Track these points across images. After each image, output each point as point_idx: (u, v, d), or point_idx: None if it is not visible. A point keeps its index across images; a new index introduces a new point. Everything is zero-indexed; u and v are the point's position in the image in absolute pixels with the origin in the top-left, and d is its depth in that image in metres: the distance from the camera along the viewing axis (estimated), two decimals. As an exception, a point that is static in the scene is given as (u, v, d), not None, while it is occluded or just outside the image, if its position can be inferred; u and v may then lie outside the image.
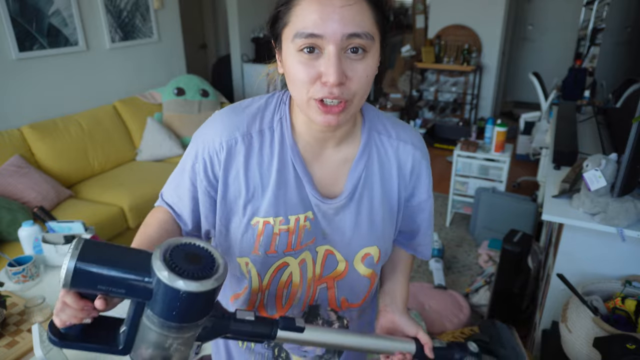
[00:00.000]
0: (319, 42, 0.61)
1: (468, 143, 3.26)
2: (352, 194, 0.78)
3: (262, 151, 0.75)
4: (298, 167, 0.76)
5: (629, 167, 1.39)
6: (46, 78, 3.08)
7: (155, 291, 0.54)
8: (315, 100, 0.65)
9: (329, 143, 0.77)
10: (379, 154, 0.80)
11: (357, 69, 0.64)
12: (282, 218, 0.76)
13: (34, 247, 1.76)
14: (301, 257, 0.80)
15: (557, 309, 1.61)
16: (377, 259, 0.83)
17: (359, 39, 0.62)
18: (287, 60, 0.66)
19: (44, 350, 1.07)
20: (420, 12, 5.82)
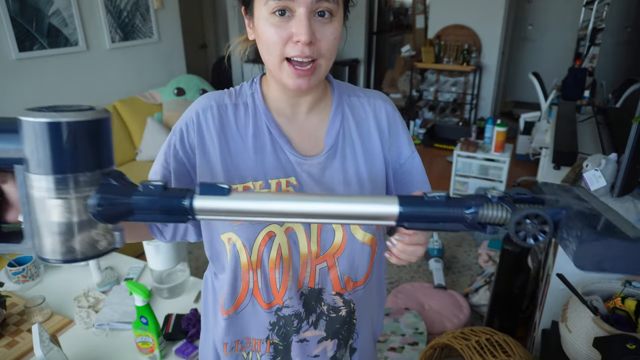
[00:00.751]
0: (290, 5, 0.66)
1: (468, 143, 3.26)
2: (334, 150, 0.80)
3: (237, 120, 0.78)
4: (274, 131, 0.78)
5: (629, 167, 1.39)
6: (46, 78, 3.08)
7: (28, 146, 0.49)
8: (288, 62, 0.69)
9: (302, 108, 0.80)
10: (353, 112, 0.83)
11: (326, 31, 0.69)
12: (261, 182, 0.77)
13: (34, 247, 1.76)
14: (287, 225, 0.78)
15: (557, 309, 1.61)
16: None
17: (326, 2, 0.67)
18: (260, 24, 0.70)
19: (44, 351, 1.07)
20: (420, 12, 5.82)
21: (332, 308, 0.84)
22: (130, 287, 1.26)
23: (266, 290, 0.81)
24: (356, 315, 0.87)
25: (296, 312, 0.82)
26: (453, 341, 1.66)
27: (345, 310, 0.85)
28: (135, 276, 1.64)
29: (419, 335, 2.16)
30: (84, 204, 0.50)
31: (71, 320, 1.44)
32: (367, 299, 0.88)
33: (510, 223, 0.51)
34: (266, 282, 0.80)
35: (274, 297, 0.81)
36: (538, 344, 1.70)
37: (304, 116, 0.81)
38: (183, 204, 0.52)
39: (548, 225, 0.50)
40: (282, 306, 0.82)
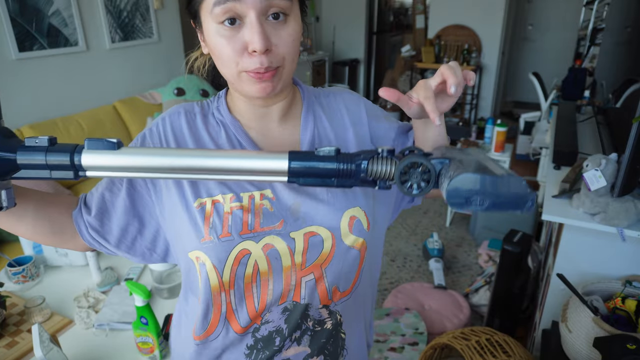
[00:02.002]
0: (238, 9, 0.60)
1: (468, 143, 3.26)
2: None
3: (209, 129, 0.74)
4: (244, 142, 0.73)
5: (629, 167, 1.39)
6: (46, 78, 3.08)
7: None
8: (247, 72, 0.64)
9: (272, 118, 0.75)
10: (325, 111, 0.79)
11: (282, 35, 0.63)
12: (232, 195, 0.70)
13: (34, 247, 1.76)
14: (265, 242, 0.69)
15: (557, 309, 1.61)
16: (367, 225, 0.73)
17: (276, 2, 0.61)
18: (210, 37, 0.64)
19: (44, 351, 1.07)
20: (420, 12, 5.82)
21: (317, 322, 0.75)
22: (130, 287, 1.26)
23: (242, 309, 0.72)
24: (344, 328, 0.78)
25: (277, 328, 0.73)
26: (453, 341, 1.66)
27: (331, 322, 0.76)
28: (135, 276, 1.64)
29: (419, 336, 2.16)
30: None
31: (71, 320, 1.44)
32: (355, 310, 0.80)
33: (395, 172, 0.51)
34: (242, 300, 0.71)
35: (250, 317, 0.72)
36: (538, 344, 1.70)
37: (276, 127, 0.75)
38: (70, 159, 0.50)
39: (431, 174, 0.51)
40: (260, 324, 0.73)
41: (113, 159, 0.51)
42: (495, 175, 0.47)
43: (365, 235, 0.74)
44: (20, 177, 0.52)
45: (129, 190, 0.74)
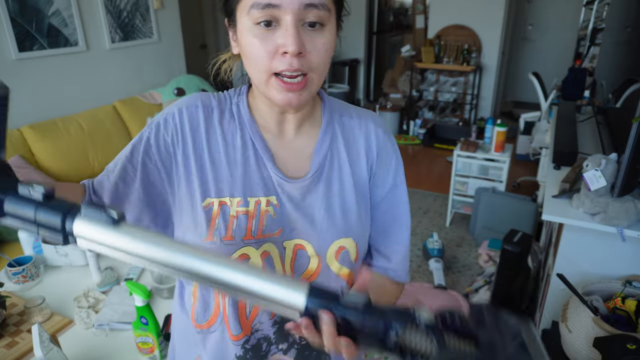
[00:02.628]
0: (276, 13, 0.60)
1: (468, 143, 3.26)
2: (320, 173, 0.74)
3: (223, 127, 0.73)
4: (258, 145, 0.72)
5: (629, 167, 1.39)
6: (46, 78, 3.08)
7: None
8: (276, 77, 0.63)
9: (289, 126, 0.74)
10: (344, 133, 0.77)
11: (316, 42, 0.62)
12: (240, 199, 0.70)
13: (34, 247, 1.76)
14: (264, 249, 0.71)
15: (557, 309, 1.61)
16: (355, 257, 0.75)
17: (316, 9, 0.60)
18: (243, 37, 0.64)
19: (43, 351, 1.07)
20: (420, 12, 5.82)
21: (295, 341, 0.77)
22: (130, 287, 1.26)
23: (234, 317, 0.74)
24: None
25: (265, 336, 0.76)
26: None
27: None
28: (135, 276, 1.64)
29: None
30: None
31: (71, 320, 1.44)
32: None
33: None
34: (235, 309, 0.73)
35: (242, 327, 0.74)
36: (538, 344, 1.70)
37: (292, 134, 0.75)
38: (62, 223, 0.44)
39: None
40: (251, 334, 0.75)
41: (108, 236, 0.45)
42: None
43: (351, 266, 0.75)
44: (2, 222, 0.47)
45: (143, 180, 0.73)
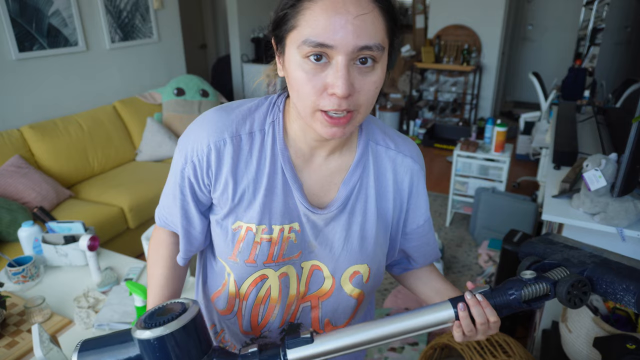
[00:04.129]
0: (328, 52, 0.58)
1: (468, 143, 3.26)
2: (345, 205, 0.74)
3: (252, 154, 0.71)
4: (288, 174, 0.72)
5: (629, 167, 1.39)
6: (46, 78, 3.08)
7: (145, 356, 0.60)
8: (321, 113, 0.62)
9: (322, 151, 0.73)
10: (376, 165, 0.76)
11: (366, 81, 0.60)
12: (265, 226, 0.72)
13: (34, 247, 1.76)
14: (282, 271, 0.76)
15: (557, 309, 1.61)
16: (367, 279, 0.78)
17: (369, 51, 0.58)
18: (291, 67, 0.62)
19: (43, 351, 1.07)
20: (420, 12, 5.82)
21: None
22: (130, 288, 1.26)
23: (248, 320, 0.81)
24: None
25: (272, 342, 0.81)
26: (453, 341, 1.66)
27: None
28: (135, 276, 1.64)
29: (419, 335, 2.16)
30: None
31: (71, 320, 1.44)
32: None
33: (562, 295, 0.61)
34: (249, 314, 0.80)
35: (252, 328, 0.82)
36: (538, 344, 1.70)
37: (324, 158, 0.74)
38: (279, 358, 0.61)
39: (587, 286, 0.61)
40: (259, 337, 0.83)
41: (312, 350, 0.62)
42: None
43: (363, 287, 0.80)
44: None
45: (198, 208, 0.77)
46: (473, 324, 0.65)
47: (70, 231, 1.76)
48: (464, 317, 0.65)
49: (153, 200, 2.94)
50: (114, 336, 0.64)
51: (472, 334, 0.66)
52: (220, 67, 5.72)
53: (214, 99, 3.91)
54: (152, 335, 0.57)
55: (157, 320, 0.59)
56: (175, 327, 0.58)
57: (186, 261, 0.84)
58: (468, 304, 0.65)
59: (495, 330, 0.66)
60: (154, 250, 0.85)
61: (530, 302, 0.64)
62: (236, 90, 5.56)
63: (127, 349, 0.61)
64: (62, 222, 1.78)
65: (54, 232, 1.78)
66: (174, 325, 0.58)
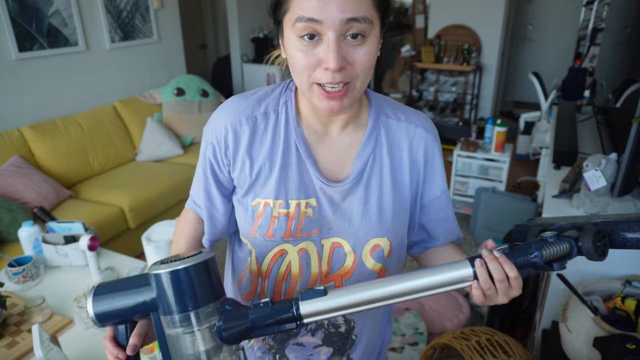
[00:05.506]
0: (318, 28, 0.62)
1: (468, 143, 3.26)
2: (360, 177, 0.77)
3: (267, 133, 0.76)
4: (302, 150, 0.75)
5: (629, 167, 1.39)
6: (46, 78, 3.08)
7: (159, 294, 0.61)
8: (318, 85, 0.66)
9: (334, 127, 0.77)
10: (388, 137, 0.78)
11: (358, 54, 0.64)
12: (282, 201, 0.76)
13: (34, 247, 1.76)
14: (301, 246, 0.78)
15: (557, 309, 1.61)
16: (388, 253, 0.79)
17: (357, 23, 0.61)
18: (288, 47, 0.67)
19: (44, 351, 1.07)
20: (420, 12, 5.82)
21: (332, 324, 0.85)
22: (130, 288, 1.26)
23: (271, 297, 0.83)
24: (356, 332, 0.87)
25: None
26: (453, 341, 1.66)
27: (345, 327, 0.85)
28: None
29: (419, 335, 2.16)
30: (212, 333, 0.61)
31: (71, 320, 1.44)
32: (368, 316, 0.88)
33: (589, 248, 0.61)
34: (271, 293, 0.82)
35: None
36: (538, 344, 1.70)
37: (336, 135, 0.78)
38: (292, 313, 0.61)
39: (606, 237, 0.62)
40: None
41: (325, 304, 0.61)
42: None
43: (384, 261, 0.80)
44: (251, 337, 0.64)
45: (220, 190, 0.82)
46: (492, 282, 0.63)
47: (70, 231, 1.76)
48: (482, 273, 0.63)
49: (153, 200, 2.94)
50: (130, 279, 0.65)
51: (492, 292, 0.63)
52: (220, 67, 5.72)
53: (214, 99, 3.91)
54: (167, 269, 0.59)
55: (173, 259, 0.62)
56: (189, 264, 0.60)
57: (211, 244, 0.88)
58: (485, 260, 0.63)
59: (516, 289, 0.64)
60: (178, 228, 0.89)
61: (551, 262, 0.62)
62: (236, 90, 5.56)
63: (143, 292, 0.62)
64: (62, 222, 1.78)
65: (54, 232, 1.78)
66: (188, 262, 0.60)
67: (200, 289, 0.60)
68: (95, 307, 0.63)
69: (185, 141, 3.70)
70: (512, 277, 0.63)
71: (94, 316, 0.64)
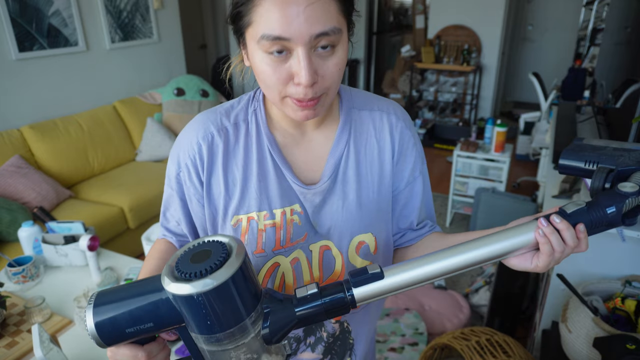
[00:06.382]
0: (286, 44, 0.59)
1: (468, 143, 3.27)
2: (335, 175, 0.75)
3: (238, 143, 0.74)
4: (276, 156, 0.73)
5: (629, 167, 1.39)
6: (46, 78, 3.08)
7: (180, 310, 0.49)
8: (290, 98, 0.64)
9: (307, 127, 0.75)
10: (362, 128, 0.77)
11: (328, 65, 0.62)
12: (266, 212, 0.73)
13: (34, 247, 1.76)
14: (293, 256, 0.75)
15: (557, 309, 1.61)
16: (374, 249, 0.77)
17: (327, 36, 0.60)
18: (255, 60, 0.63)
19: (43, 351, 1.07)
20: (420, 12, 5.82)
21: (330, 334, 0.82)
22: (130, 288, 1.26)
23: None
24: (353, 335, 0.85)
25: (295, 336, 0.80)
26: (453, 341, 1.66)
27: (339, 329, 0.83)
28: (135, 276, 1.64)
29: (419, 336, 2.16)
30: (258, 340, 0.52)
31: (71, 320, 1.44)
32: (363, 319, 0.85)
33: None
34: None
35: None
36: (538, 344, 1.70)
37: (310, 135, 0.76)
38: (345, 299, 0.53)
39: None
40: None
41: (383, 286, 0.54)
42: None
43: (371, 257, 0.77)
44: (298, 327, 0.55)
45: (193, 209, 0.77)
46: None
47: (70, 231, 1.76)
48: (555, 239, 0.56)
49: (153, 200, 2.94)
50: (138, 286, 0.52)
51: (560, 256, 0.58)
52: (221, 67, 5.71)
53: (214, 99, 3.91)
54: (194, 291, 0.45)
55: (196, 268, 0.47)
56: (223, 278, 0.46)
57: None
58: (557, 228, 0.56)
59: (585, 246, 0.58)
60: (145, 262, 0.80)
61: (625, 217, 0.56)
62: (236, 90, 5.56)
63: (156, 297, 0.50)
64: (62, 222, 1.78)
65: (54, 232, 1.78)
66: (222, 275, 0.46)
67: (237, 306, 0.48)
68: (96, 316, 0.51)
69: (185, 141, 3.71)
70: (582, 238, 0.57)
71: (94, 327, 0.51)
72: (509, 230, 0.58)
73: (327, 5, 0.59)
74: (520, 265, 0.59)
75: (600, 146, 0.64)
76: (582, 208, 0.56)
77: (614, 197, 0.55)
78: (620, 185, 0.55)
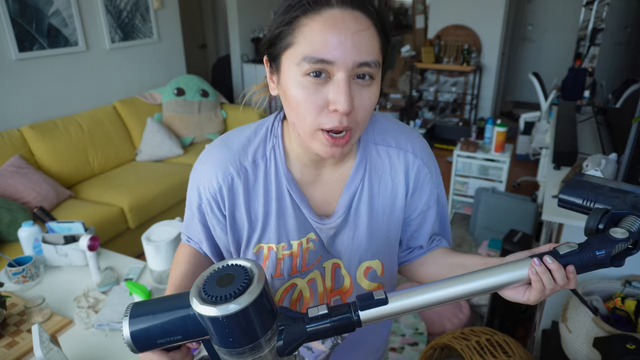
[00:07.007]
0: (328, 68, 0.58)
1: (468, 143, 3.27)
2: (347, 210, 0.77)
3: (258, 182, 0.75)
4: (294, 194, 0.75)
5: (629, 167, 1.39)
6: (46, 78, 3.08)
7: (205, 326, 0.55)
8: (322, 132, 0.62)
9: (326, 163, 0.76)
10: (378, 166, 0.77)
11: (364, 97, 0.62)
12: (284, 244, 0.77)
13: (34, 247, 1.76)
14: (309, 277, 0.80)
15: (557, 309, 1.61)
16: (381, 272, 0.81)
17: (368, 67, 0.59)
18: (289, 84, 0.62)
19: (43, 351, 1.07)
20: (420, 12, 5.82)
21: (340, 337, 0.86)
22: (130, 288, 1.26)
23: None
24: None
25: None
26: (453, 341, 1.66)
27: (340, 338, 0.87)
28: (135, 276, 1.64)
29: (419, 336, 2.16)
30: (273, 353, 0.58)
31: (71, 320, 1.44)
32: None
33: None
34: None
35: None
36: (538, 344, 1.70)
37: (328, 170, 0.77)
38: (352, 319, 0.59)
39: None
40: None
41: (386, 310, 0.59)
42: None
43: (379, 280, 0.82)
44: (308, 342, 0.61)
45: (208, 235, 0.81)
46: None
47: (70, 231, 1.76)
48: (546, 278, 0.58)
49: (153, 200, 2.94)
50: (169, 301, 0.59)
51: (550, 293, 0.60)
52: (220, 67, 5.72)
53: (214, 99, 3.91)
54: (220, 313, 0.51)
55: (221, 292, 0.53)
56: (245, 303, 0.51)
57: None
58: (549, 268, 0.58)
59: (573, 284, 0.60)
60: (173, 266, 0.84)
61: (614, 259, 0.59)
62: (236, 90, 5.56)
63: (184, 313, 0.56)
64: (62, 222, 1.78)
65: (54, 232, 1.78)
66: (243, 301, 0.52)
67: (256, 327, 0.54)
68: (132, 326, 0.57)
69: (185, 141, 3.70)
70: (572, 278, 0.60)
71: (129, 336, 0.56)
72: (505, 265, 0.61)
73: (373, 37, 0.60)
74: (514, 297, 0.61)
75: (599, 184, 0.68)
76: (574, 250, 0.60)
77: (604, 241, 0.59)
78: (612, 231, 0.59)
